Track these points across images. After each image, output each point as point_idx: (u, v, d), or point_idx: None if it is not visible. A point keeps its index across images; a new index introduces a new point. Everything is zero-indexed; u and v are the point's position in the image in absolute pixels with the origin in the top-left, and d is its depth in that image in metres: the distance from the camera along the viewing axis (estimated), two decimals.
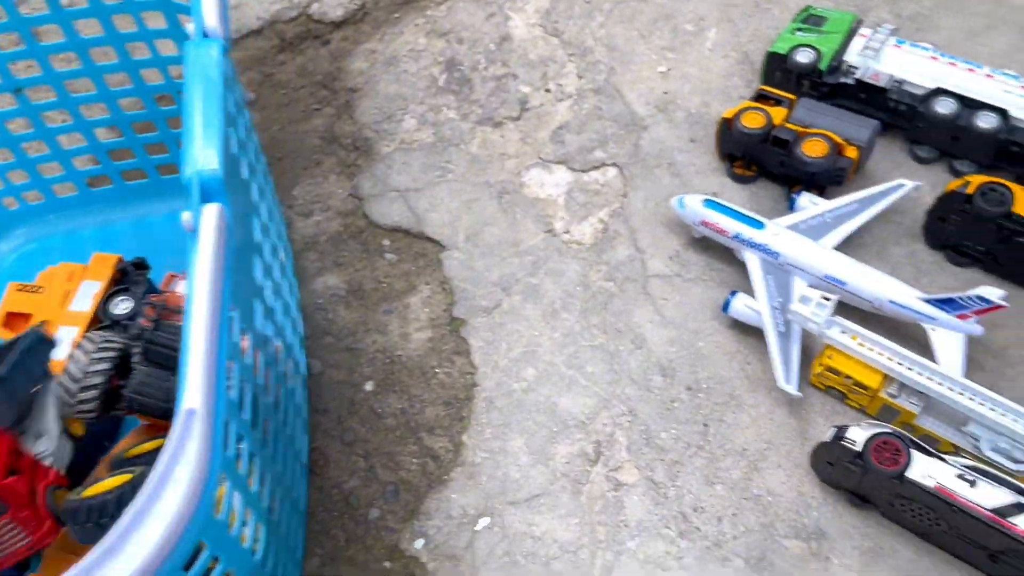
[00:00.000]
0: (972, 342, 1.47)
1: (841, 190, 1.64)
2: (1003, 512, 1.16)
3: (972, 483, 1.19)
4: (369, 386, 1.56)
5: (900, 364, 1.34)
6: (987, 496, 1.18)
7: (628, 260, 1.66)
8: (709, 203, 1.58)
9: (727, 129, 1.67)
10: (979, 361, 1.47)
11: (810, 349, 1.47)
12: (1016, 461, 1.30)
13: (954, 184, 1.52)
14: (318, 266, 1.72)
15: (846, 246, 1.62)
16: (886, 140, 1.76)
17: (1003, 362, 1.47)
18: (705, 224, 1.58)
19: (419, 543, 1.39)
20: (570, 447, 1.45)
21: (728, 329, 1.55)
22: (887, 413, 1.38)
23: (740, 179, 1.72)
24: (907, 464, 1.21)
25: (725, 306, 1.52)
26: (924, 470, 1.21)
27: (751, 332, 1.52)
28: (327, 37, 2.13)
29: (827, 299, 1.39)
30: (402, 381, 1.56)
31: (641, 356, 1.54)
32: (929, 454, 1.24)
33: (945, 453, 1.27)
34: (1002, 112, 1.58)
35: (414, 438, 1.50)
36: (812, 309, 1.38)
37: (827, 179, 1.62)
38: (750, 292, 1.52)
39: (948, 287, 1.54)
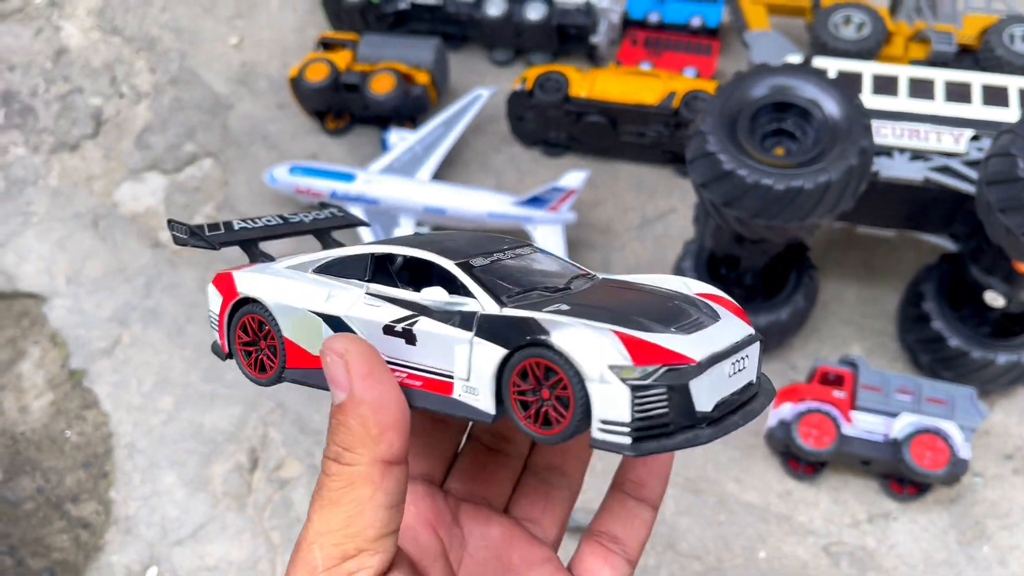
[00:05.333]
0: (583, 225, 1.52)
1: (432, 115, 1.62)
2: None
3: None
4: None
5: None
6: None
7: None
8: (295, 170, 1.51)
9: (298, 88, 1.60)
10: (590, 241, 1.53)
11: None
12: None
13: (515, 83, 1.54)
14: None
15: (450, 168, 1.62)
16: (465, 52, 1.76)
17: (609, 236, 1.54)
18: (300, 192, 1.52)
19: None
20: (225, 464, 1.38)
21: None
22: None
23: (335, 133, 1.67)
24: None
25: None
26: None
27: None
28: None
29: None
30: (31, 459, 1.41)
31: None
32: None
33: None
34: (548, 0, 1.61)
35: (59, 513, 1.37)
36: None
37: (408, 111, 1.59)
38: None
39: (549, 179, 1.58)
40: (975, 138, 1.18)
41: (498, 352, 0.46)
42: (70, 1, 1.91)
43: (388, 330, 0.49)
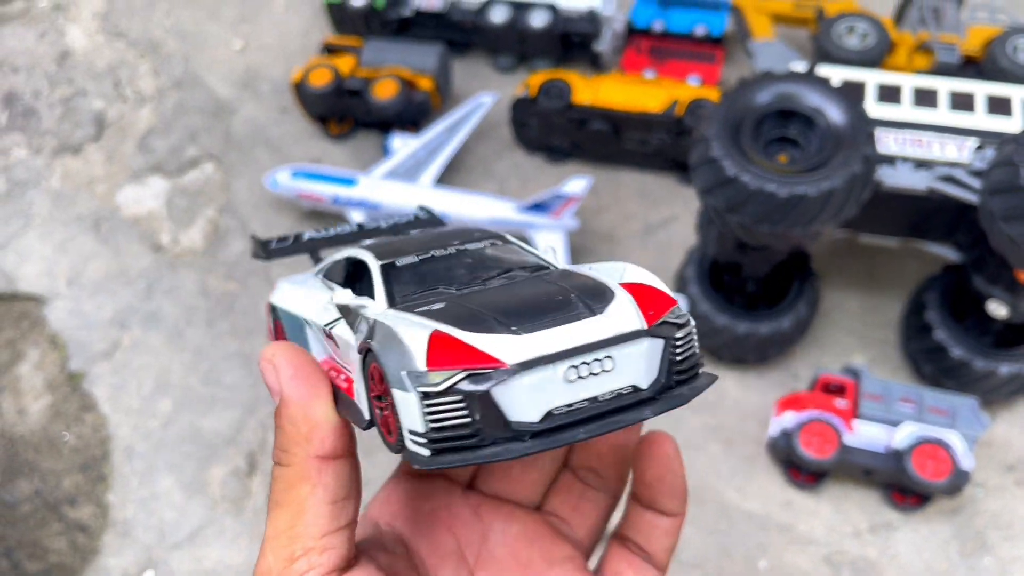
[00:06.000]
0: (585, 231, 1.52)
1: (435, 120, 1.62)
2: None
3: None
4: None
5: None
6: None
7: (245, 253, 1.57)
8: (298, 174, 1.51)
9: (301, 93, 1.60)
10: (592, 248, 1.53)
11: None
12: None
13: (519, 90, 1.54)
14: None
15: (452, 174, 1.62)
16: (469, 59, 1.77)
17: (612, 243, 1.53)
18: (302, 196, 1.52)
19: None
20: (223, 467, 1.37)
21: None
22: None
23: (338, 137, 1.67)
24: None
25: None
26: None
27: None
28: None
29: None
30: (29, 461, 1.41)
31: None
32: None
33: None
34: (552, 7, 1.61)
35: (56, 516, 1.36)
36: None
37: (411, 116, 1.59)
38: None
39: (552, 185, 1.58)
40: (979, 148, 1.18)
41: (358, 360, 0.44)
42: (75, 4, 1.92)
43: (326, 334, 0.49)
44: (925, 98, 1.21)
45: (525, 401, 0.40)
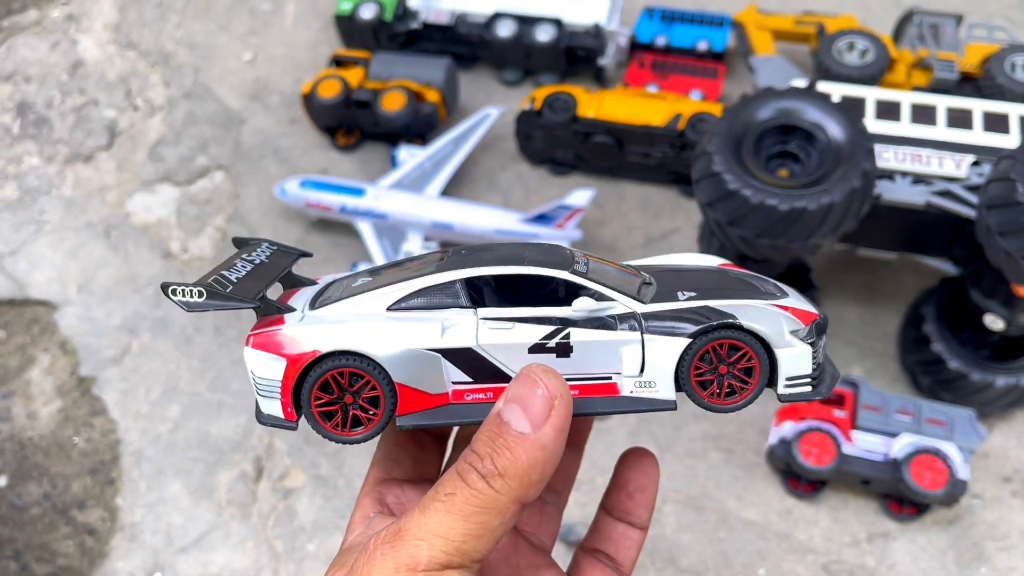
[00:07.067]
0: (588, 243, 1.54)
1: (441, 132, 1.65)
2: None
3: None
4: (1, 481, 1.42)
5: None
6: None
7: None
8: (306, 183, 1.54)
9: (310, 104, 1.63)
10: None
11: None
12: None
13: (524, 103, 1.56)
14: None
15: (458, 185, 1.64)
16: (475, 72, 1.79)
17: (614, 255, 1.55)
18: (311, 205, 1.54)
19: None
20: (230, 472, 1.39)
21: None
22: None
23: (345, 149, 1.70)
24: None
25: None
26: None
27: None
28: None
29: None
30: (39, 464, 1.43)
31: None
32: None
33: None
34: (558, 22, 1.64)
35: (65, 519, 1.38)
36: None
37: (418, 128, 1.62)
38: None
39: (555, 197, 1.60)
40: (976, 163, 1.20)
41: (678, 343, 0.51)
42: (87, 15, 1.95)
43: (538, 349, 0.51)
44: (923, 114, 1.24)
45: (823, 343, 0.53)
